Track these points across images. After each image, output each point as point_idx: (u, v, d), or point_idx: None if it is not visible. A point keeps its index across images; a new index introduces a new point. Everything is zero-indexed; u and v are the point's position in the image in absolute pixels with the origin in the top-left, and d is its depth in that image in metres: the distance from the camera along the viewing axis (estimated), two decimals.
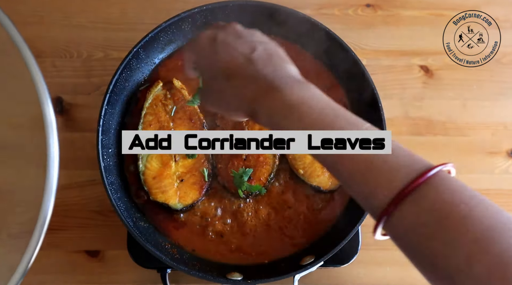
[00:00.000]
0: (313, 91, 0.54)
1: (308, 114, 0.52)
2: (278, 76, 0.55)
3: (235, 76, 0.57)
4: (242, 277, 0.82)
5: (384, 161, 0.49)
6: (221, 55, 0.58)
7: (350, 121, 0.52)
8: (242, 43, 0.59)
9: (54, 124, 0.53)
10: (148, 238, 0.84)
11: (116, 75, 0.85)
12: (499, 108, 0.98)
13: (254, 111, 0.55)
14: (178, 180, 0.85)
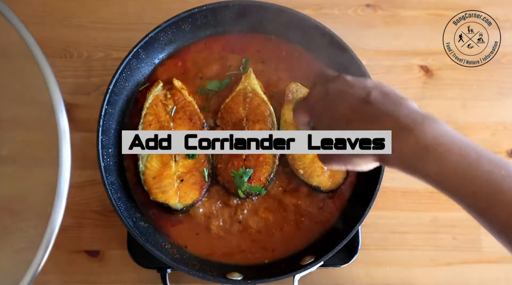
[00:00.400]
0: (445, 127, 0.51)
1: (447, 155, 0.48)
2: (403, 113, 0.52)
3: (355, 119, 0.55)
4: (242, 277, 0.82)
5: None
6: (338, 104, 0.57)
7: (494, 162, 0.48)
8: (356, 89, 0.57)
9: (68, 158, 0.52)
10: (148, 238, 0.84)
11: (116, 75, 0.85)
12: (499, 108, 0.98)
13: (384, 156, 0.53)
14: (178, 180, 0.85)
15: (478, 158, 0.48)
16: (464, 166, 0.48)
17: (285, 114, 0.88)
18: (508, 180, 0.47)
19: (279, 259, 0.86)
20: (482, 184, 0.47)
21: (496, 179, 0.47)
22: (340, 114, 0.56)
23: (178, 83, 0.89)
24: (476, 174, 0.48)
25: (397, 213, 0.94)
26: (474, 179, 0.48)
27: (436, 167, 0.49)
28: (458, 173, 0.48)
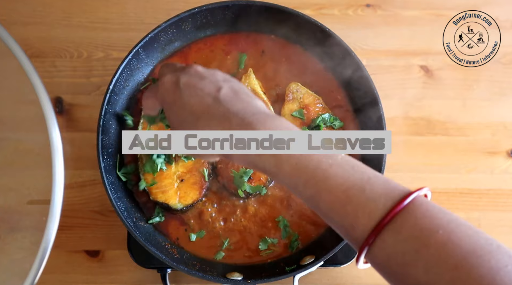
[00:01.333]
0: (286, 123, 0.55)
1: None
2: (249, 112, 0.55)
3: (204, 117, 0.56)
4: (242, 277, 0.82)
5: (362, 191, 0.49)
6: (187, 98, 0.58)
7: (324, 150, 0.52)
8: (207, 83, 0.58)
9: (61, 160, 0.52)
10: (148, 238, 0.84)
11: (116, 75, 0.85)
12: (499, 108, 0.98)
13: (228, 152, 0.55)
14: (178, 180, 0.85)
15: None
16: (296, 157, 0.51)
17: (285, 114, 0.88)
18: (334, 168, 0.50)
19: (279, 259, 0.86)
20: (311, 173, 0.51)
21: (323, 167, 0.50)
22: (190, 109, 0.57)
23: None
24: (306, 164, 0.51)
25: None
26: (304, 168, 0.51)
27: (272, 160, 0.52)
28: (291, 164, 0.51)
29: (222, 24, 0.92)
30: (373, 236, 0.48)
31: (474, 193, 0.94)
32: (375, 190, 0.49)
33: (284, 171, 0.52)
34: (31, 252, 0.51)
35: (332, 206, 0.50)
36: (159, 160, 0.84)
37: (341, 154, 0.52)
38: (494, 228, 0.92)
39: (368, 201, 0.49)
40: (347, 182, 0.50)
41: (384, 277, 0.51)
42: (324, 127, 0.86)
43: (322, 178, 0.50)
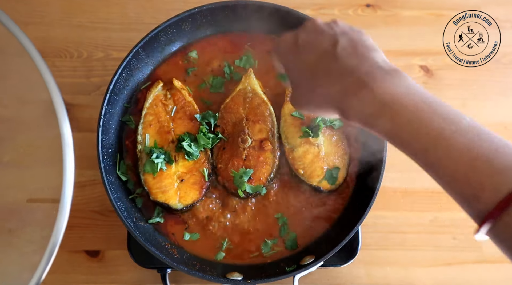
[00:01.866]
0: (406, 83, 0.52)
1: (401, 112, 0.50)
2: (366, 69, 0.53)
3: (321, 75, 0.56)
4: (242, 277, 0.82)
5: (489, 162, 0.46)
6: (305, 55, 0.58)
7: (448, 117, 0.49)
8: (324, 38, 0.57)
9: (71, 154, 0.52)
10: (148, 238, 0.84)
11: (116, 75, 0.85)
12: (499, 108, 0.98)
13: (344, 110, 0.54)
14: (178, 180, 0.85)
15: (432, 114, 0.49)
16: (416, 122, 0.49)
17: (285, 114, 0.88)
18: (456, 135, 0.48)
19: (279, 259, 0.86)
20: (432, 141, 0.49)
21: (446, 135, 0.48)
22: (306, 65, 0.57)
23: (178, 83, 0.89)
24: (427, 130, 0.49)
25: (397, 213, 0.94)
26: (425, 135, 0.49)
27: (389, 124, 0.50)
28: (410, 129, 0.50)
29: (222, 24, 0.92)
30: (499, 210, 0.45)
31: None
32: (503, 161, 0.46)
33: (402, 137, 0.50)
34: (40, 246, 0.51)
35: (454, 175, 0.48)
36: (158, 160, 0.84)
37: (466, 119, 0.49)
38: None
39: (496, 173, 0.46)
40: (472, 152, 0.47)
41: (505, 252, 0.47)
42: (324, 127, 0.86)
43: (444, 147, 0.48)
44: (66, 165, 0.51)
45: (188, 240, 0.86)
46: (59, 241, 0.50)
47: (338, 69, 0.54)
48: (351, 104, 0.53)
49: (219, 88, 0.91)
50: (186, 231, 0.86)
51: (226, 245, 0.86)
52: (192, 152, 0.85)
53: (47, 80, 0.52)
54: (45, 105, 0.54)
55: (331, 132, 0.87)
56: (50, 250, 0.50)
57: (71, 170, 0.51)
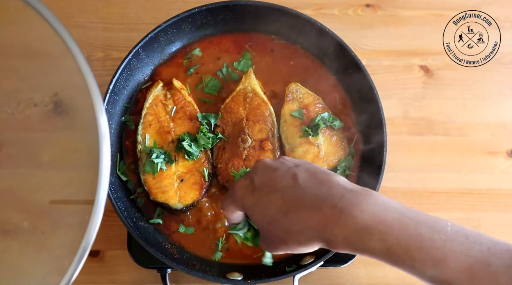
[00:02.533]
0: (379, 200, 0.52)
1: (388, 232, 0.50)
2: (336, 195, 0.53)
3: (292, 209, 0.54)
4: (242, 277, 0.82)
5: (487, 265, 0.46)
6: (267, 197, 0.56)
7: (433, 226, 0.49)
8: (280, 175, 0.57)
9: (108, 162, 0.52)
10: (148, 238, 0.84)
11: (116, 75, 0.85)
12: (499, 108, 0.98)
13: (328, 240, 0.53)
14: (178, 180, 0.85)
15: (416, 227, 0.49)
16: (406, 239, 0.49)
17: (285, 114, 0.88)
18: (449, 244, 0.48)
19: (279, 259, 0.86)
20: (425, 254, 0.49)
21: (437, 245, 0.48)
22: (274, 208, 0.56)
23: (178, 83, 0.89)
24: (418, 244, 0.49)
25: None
26: (418, 250, 0.49)
27: (380, 245, 0.50)
28: (402, 247, 0.49)
29: (221, 24, 0.92)
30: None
31: (474, 193, 0.94)
32: (501, 261, 0.46)
33: (396, 255, 0.50)
34: (70, 250, 0.51)
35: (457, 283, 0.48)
36: (158, 160, 0.84)
37: (448, 224, 0.50)
38: (494, 228, 0.92)
39: (497, 275, 0.46)
40: (468, 257, 0.47)
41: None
42: (323, 126, 0.86)
43: (441, 258, 0.48)
44: (102, 158, 0.51)
45: (183, 233, 0.86)
46: (90, 244, 0.50)
47: (309, 201, 0.54)
48: (334, 233, 0.52)
49: (213, 91, 0.91)
50: (182, 223, 0.86)
51: (220, 245, 0.86)
52: (192, 152, 0.85)
53: (89, 81, 0.52)
54: (84, 106, 0.54)
55: (331, 132, 0.87)
56: (81, 254, 0.50)
57: (107, 166, 0.51)
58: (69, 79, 0.57)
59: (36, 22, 0.52)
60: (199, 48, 0.92)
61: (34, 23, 0.53)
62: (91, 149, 0.53)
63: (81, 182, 0.59)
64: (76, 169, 0.62)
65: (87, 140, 0.54)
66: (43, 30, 0.52)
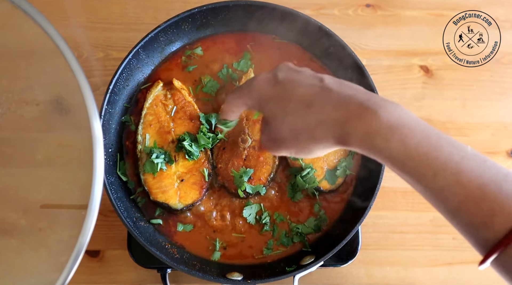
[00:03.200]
0: (407, 112, 0.52)
1: (411, 135, 0.49)
2: (365, 97, 0.52)
3: (317, 103, 0.54)
4: (242, 277, 0.82)
5: (499, 188, 0.46)
6: (292, 89, 0.56)
7: (454, 143, 0.49)
8: (306, 76, 0.57)
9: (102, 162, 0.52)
10: (148, 238, 0.84)
11: (116, 75, 0.85)
12: (499, 108, 0.98)
13: (346, 135, 0.52)
14: (178, 180, 0.85)
15: (439, 139, 0.49)
16: (426, 146, 0.49)
17: None
18: (466, 161, 0.48)
19: (279, 259, 0.86)
20: (441, 164, 0.48)
21: (455, 159, 0.48)
22: (297, 98, 0.56)
23: (178, 83, 0.89)
24: (437, 154, 0.48)
25: (397, 213, 0.94)
26: (435, 159, 0.48)
27: (399, 147, 0.49)
28: (420, 153, 0.49)
29: (222, 24, 0.92)
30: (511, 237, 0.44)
31: None
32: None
33: (413, 160, 0.49)
34: (68, 246, 0.51)
35: (463, 200, 0.47)
36: (158, 160, 0.84)
37: (469, 147, 0.49)
38: None
39: (506, 199, 0.45)
40: (482, 177, 0.47)
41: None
42: None
43: (454, 171, 0.47)
44: (96, 162, 0.51)
45: (181, 231, 0.86)
46: (87, 241, 0.50)
47: (336, 98, 0.54)
48: (354, 127, 0.51)
49: (211, 91, 0.91)
50: (179, 222, 0.86)
51: (218, 245, 0.86)
52: (193, 152, 0.85)
53: (80, 79, 0.52)
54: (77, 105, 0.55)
55: None
56: (78, 250, 0.50)
57: (101, 164, 0.51)
58: (62, 79, 0.57)
59: (26, 22, 0.52)
60: (201, 47, 0.92)
61: (24, 24, 0.53)
62: (86, 148, 0.53)
63: (77, 180, 0.59)
64: (72, 167, 0.62)
65: (82, 139, 0.54)
66: (35, 30, 0.52)
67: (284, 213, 0.87)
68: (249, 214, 0.86)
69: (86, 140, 0.53)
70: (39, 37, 0.52)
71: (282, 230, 0.87)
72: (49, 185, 0.64)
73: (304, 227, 0.87)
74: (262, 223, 0.87)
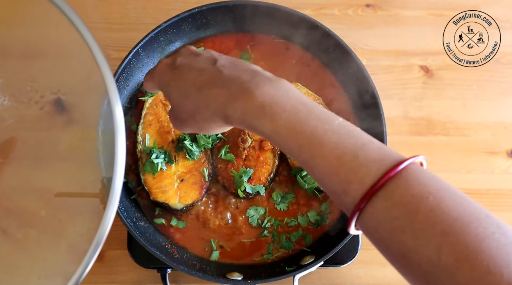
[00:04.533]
0: (285, 87, 0.55)
1: (280, 113, 0.52)
2: (247, 78, 0.55)
3: (206, 86, 0.57)
4: (242, 277, 0.82)
5: (355, 156, 0.49)
6: (185, 74, 0.59)
7: (321, 117, 0.52)
8: (202, 60, 0.60)
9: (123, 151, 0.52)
10: (148, 238, 0.84)
11: (116, 75, 0.85)
12: (499, 108, 0.98)
13: (228, 116, 0.55)
14: (178, 180, 0.85)
15: (308, 114, 0.52)
16: (293, 122, 0.51)
17: None
18: (329, 133, 0.50)
19: (279, 259, 0.86)
20: (306, 138, 0.51)
21: (319, 133, 0.50)
22: (190, 82, 0.58)
23: None
24: (302, 128, 0.51)
25: None
26: (300, 134, 0.51)
27: (269, 124, 0.52)
28: (287, 129, 0.51)
29: (222, 24, 0.92)
30: (364, 201, 0.47)
31: (474, 193, 0.94)
32: (368, 155, 0.49)
33: (281, 135, 0.52)
34: (87, 238, 0.51)
35: (325, 171, 0.50)
36: (158, 160, 0.84)
37: (338, 119, 0.52)
38: None
39: (360, 166, 0.48)
40: (340, 147, 0.50)
41: (374, 244, 0.50)
42: None
43: (316, 144, 0.50)
44: (117, 145, 0.51)
45: (174, 226, 0.87)
46: (106, 233, 0.50)
47: (222, 80, 0.56)
48: (234, 108, 0.54)
49: None
50: (174, 217, 0.86)
51: (226, 244, 0.86)
52: (194, 151, 0.85)
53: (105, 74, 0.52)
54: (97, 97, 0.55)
55: None
56: (97, 242, 0.50)
57: (122, 151, 0.51)
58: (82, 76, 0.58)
59: (54, 18, 0.52)
60: (203, 47, 0.93)
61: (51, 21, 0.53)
62: (105, 141, 0.53)
63: (97, 173, 0.60)
64: (91, 160, 0.62)
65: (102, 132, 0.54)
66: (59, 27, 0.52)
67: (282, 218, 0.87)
68: (253, 215, 0.86)
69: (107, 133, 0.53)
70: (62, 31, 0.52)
71: (282, 235, 0.87)
72: (70, 177, 0.64)
73: (302, 219, 0.87)
74: (262, 227, 0.87)
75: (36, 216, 0.63)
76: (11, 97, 0.64)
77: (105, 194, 0.52)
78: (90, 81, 0.56)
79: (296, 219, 0.87)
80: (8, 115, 0.64)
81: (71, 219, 0.62)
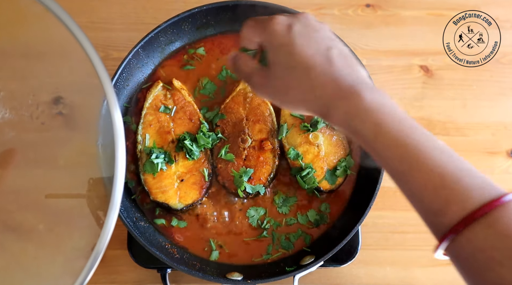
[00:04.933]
0: (388, 98, 0.55)
1: (386, 121, 0.52)
2: (356, 80, 0.55)
3: (316, 70, 0.56)
4: (242, 277, 0.82)
5: (459, 179, 0.49)
6: (300, 47, 0.57)
7: (427, 133, 0.52)
8: (319, 38, 0.58)
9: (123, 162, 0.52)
10: (148, 238, 0.84)
11: (116, 75, 0.85)
12: (499, 108, 0.98)
13: (327, 110, 0.55)
14: (178, 180, 0.85)
15: (413, 128, 0.52)
16: (399, 132, 0.52)
17: (285, 114, 0.88)
18: (436, 152, 0.50)
19: (279, 259, 0.86)
20: (410, 151, 0.51)
21: (426, 148, 0.51)
22: (300, 59, 0.57)
23: (178, 83, 0.89)
24: (408, 141, 0.51)
25: (397, 213, 0.94)
26: (404, 146, 0.51)
27: (373, 129, 0.53)
28: (391, 137, 0.52)
29: (222, 24, 0.92)
30: (462, 225, 0.46)
31: None
32: (473, 180, 0.48)
33: (382, 143, 0.52)
34: (84, 253, 0.51)
35: (423, 186, 0.50)
36: (158, 160, 0.84)
37: (440, 140, 0.52)
38: None
39: (464, 190, 0.48)
40: (445, 167, 0.49)
41: (462, 272, 0.49)
42: (323, 127, 0.86)
43: (421, 158, 0.50)
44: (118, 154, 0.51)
45: (175, 226, 0.86)
46: (104, 247, 0.50)
47: (333, 74, 0.56)
48: (338, 106, 0.54)
49: (209, 93, 0.91)
50: (175, 217, 0.86)
51: (226, 244, 0.86)
52: (194, 151, 0.85)
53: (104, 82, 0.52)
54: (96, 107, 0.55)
55: (331, 132, 0.88)
56: (94, 257, 0.50)
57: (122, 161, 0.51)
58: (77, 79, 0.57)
59: (49, 21, 0.52)
60: (203, 47, 0.92)
61: (47, 23, 0.53)
62: (104, 150, 0.53)
63: (96, 183, 0.60)
64: (90, 170, 0.62)
65: (101, 140, 0.54)
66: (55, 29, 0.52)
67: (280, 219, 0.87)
68: (253, 215, 0.86)
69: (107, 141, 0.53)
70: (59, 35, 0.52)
71: (281, 235, 0.87)
72: (68, 191, 0.64)
73: (302, 218, 0.87)
74: (262, 228, 0.87)
75: (34, 230, 0.63)
76: (12, 110, 0.64)
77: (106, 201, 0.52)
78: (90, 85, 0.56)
79: (295, 218, 0.87)
80: (9, 129, 0.64)
81: (69, 233, 0.62)
